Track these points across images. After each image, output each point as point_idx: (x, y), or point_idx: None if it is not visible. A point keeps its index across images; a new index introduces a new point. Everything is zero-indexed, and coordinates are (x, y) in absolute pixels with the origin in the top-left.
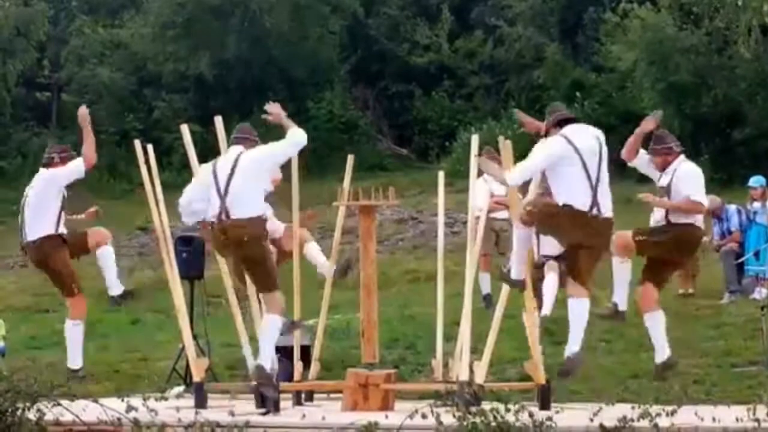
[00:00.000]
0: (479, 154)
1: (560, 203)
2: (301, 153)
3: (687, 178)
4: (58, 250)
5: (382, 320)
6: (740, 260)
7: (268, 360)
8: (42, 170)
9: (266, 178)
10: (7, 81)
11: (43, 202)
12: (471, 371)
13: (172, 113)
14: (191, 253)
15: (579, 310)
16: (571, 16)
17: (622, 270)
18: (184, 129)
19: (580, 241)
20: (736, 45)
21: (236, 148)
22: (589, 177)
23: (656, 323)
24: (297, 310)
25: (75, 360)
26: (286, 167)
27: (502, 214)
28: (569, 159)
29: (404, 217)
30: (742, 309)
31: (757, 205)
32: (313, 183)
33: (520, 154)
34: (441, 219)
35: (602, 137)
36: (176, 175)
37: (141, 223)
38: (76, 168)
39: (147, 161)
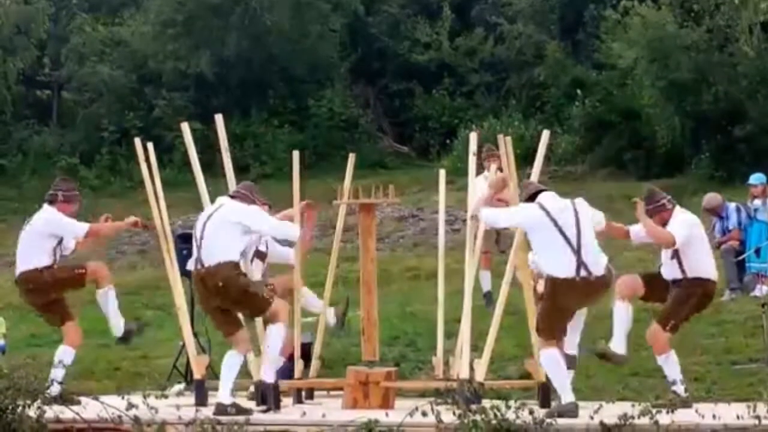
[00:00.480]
0: (479, 152)
1: (547, 275)
2: (302, 151)
3: (676, 223)
4: (43, 278)
5: (383, 318)
6: (741, 258)
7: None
8: (45, 206)
9: (239, 232)
10: (7, 79)
11: (36, 240)
12: (471, 369)
13: (172, 111)
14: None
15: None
16: (571, 14)
17: (623, 312)
18: (185, 127)
19: (576, 307)
20: (737, 42)
21: (223, 199)
22: (568, 240)
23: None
24: (297, 309)
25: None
26: (286, 165)
27: None
28: (544, 224)
29: (405, 214)
30: (742, 306)
31: (757, 202)
32: (314, 181)
33: (520, 153)
34: (442, 216)
35: (579, 202)
36: (177, 173)
37: (142, 221)
38: (75, 231)
39: (147, 159)
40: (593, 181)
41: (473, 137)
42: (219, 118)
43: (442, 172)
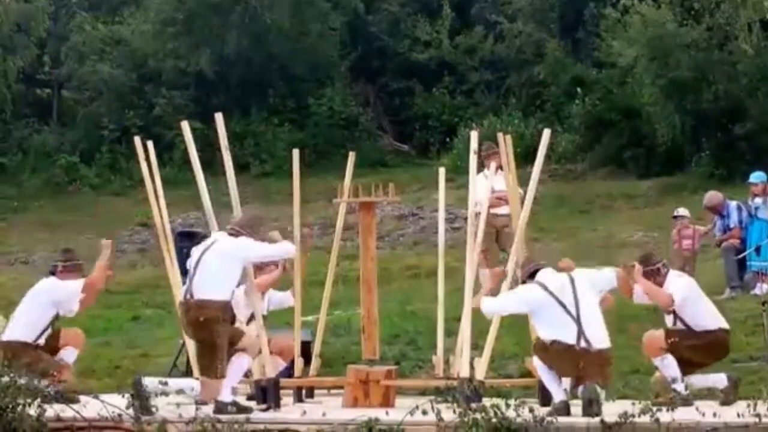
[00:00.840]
0: (479, 150)
1: (549, 340)
2: (302, 149)
3: (673, 285)
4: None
5: (383, 316)
6: (741, 256)
7: None
8: (47, 280)
9: (236, 267)
10: (7, 77)
11: (32, 310)
12: (472, 368)
13: (172, 110)
14: (191, 249)
15: None
16: (571, 12)
17: (670, 367)
18: (185, 126)
19: (561, 369)
20: (737, 40)
21: (220, 234)
22: (569, 312)
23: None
24: (297, 307)
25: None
26: (286, 163)
27: (503, 210)
28: (546, 302)
29: (405, 213)
30: (743, 305)
31: (758, 200)
32: (314, 179)
33: (521, 151)
34: (442, 215)
35: (576, 276)
36: (177, 172)
37: (141, 219)
38: (73, 292)
39: (147, 158)
40: (593, 179)
41: (474, 135)
42: (219, 117)
43: (442, 171)
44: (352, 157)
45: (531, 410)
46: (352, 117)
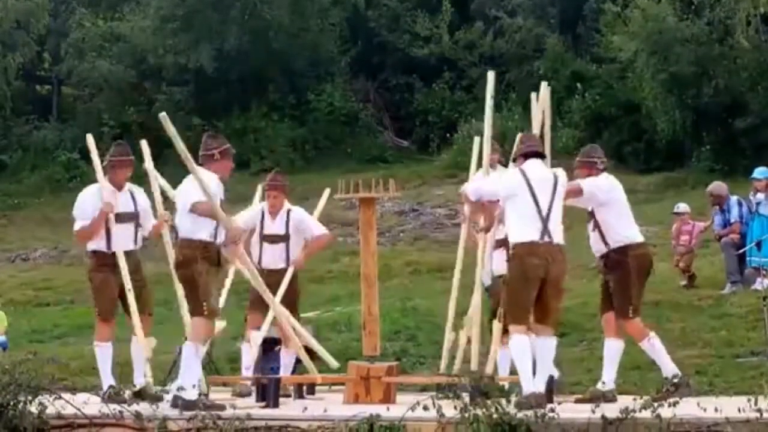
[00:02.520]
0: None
1: (513, 243)
2: (302, 145)
3: (591, 180)
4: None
5: (384, 312)
6: (741, 251)
7: (189, 389)
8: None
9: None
10: (7, 74)
11: None
12: (481, 363)
13: (172, 106)
14: None
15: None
16: (571, 7)
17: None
18: (164, 119)
19: (539, 274)
20: (737, 35)
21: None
22: (539, 209)
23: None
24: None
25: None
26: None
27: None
28: (521, 189)
29: (405, 209)
30: (744, 300)
31: (760, 196)
32: (314, 175)
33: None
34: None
35: (561, 175)
36: (177, 168)
37: None
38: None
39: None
40: None
41: (477, 142)
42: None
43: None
44: (326, 194)
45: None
46: (352, 113)
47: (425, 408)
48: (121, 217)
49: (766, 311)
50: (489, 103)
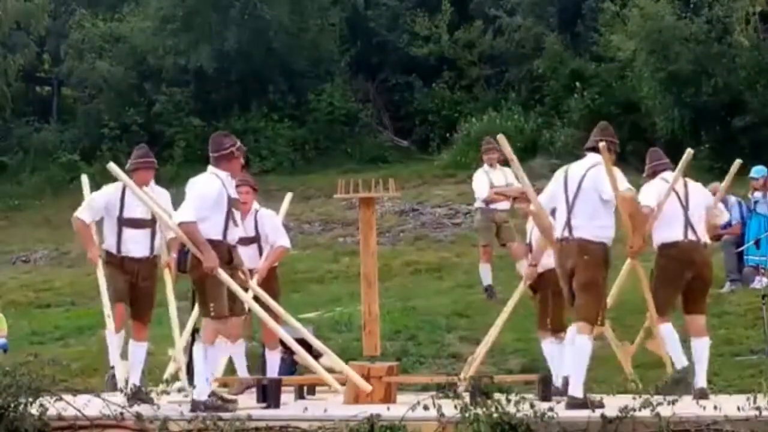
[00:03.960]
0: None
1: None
2: (302, 146)
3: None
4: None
5: (384, 312)
6: (740, 250)
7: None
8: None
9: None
10: (7, 75)
11: None
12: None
13: (172, 107)
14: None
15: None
16: (570, 6)
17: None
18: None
19: (565, 269)
20: (735, 34)
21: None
22: (567, 200)
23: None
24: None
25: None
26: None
27: (503, 206)
28: (558, 184)
29: (405, 209)
30: (742, 298)
31: (758, 195)
32: (315, 175)
33: (521, 146)
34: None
35: (594, 171)
36: (177, 169)
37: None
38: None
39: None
40: None
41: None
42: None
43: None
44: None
45: (532, 405)
46: (351, 113)
47: (425, 408)
48: (135, 223)
49: (765, 310)
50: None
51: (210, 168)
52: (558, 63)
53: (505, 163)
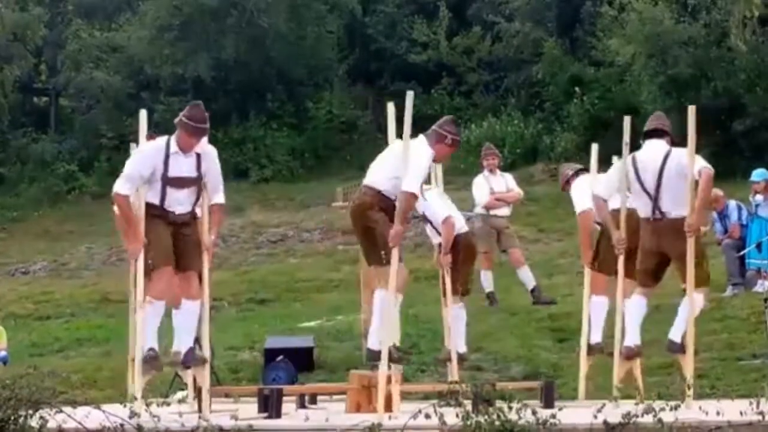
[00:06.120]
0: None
1: None
2: (302, 154)
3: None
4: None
5: None
6: (741, 253)
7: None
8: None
9: None
10: (4, 87)
11: None
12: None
13: (171, 116)
14: None
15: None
16: (568, 11)
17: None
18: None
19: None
20: (731, 37)
21: None
22: (645, 189)
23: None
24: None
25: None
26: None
27: (504, 212)
28: (630, 174)
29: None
30: (745, 302)
31: (759, 198)
32: (314, 183)
33: (521, 152)
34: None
35: (674, 153)
36: None
37: None
38: None
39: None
40: None
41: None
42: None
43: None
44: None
45: (534, 412)
46: (350, 120)
47: (427, 416)
48: (178, 182)
49: (767, 314)
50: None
51: None
52: (557, 68)
53: (505, 168)
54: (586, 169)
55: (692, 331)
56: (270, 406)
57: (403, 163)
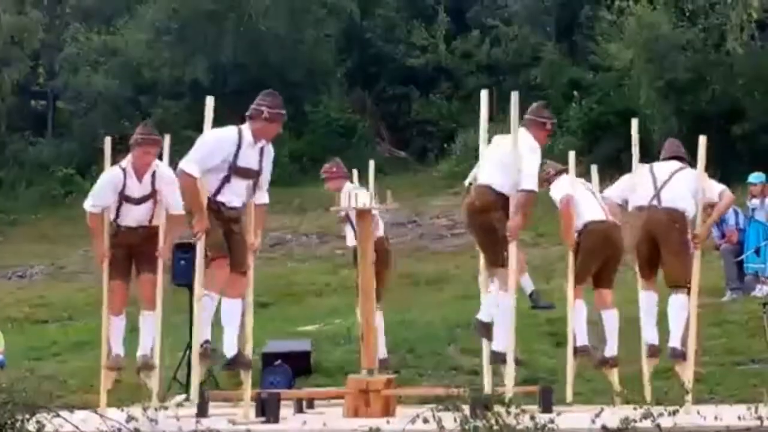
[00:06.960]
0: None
1: None
2: (300, 157)
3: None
4: None
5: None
6: (739, 258)
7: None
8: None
9: None
10: (2, 90)
11: None
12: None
13: (168, 119)
14: (190, 261)
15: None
16: (566, 15)
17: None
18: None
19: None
20: (729, 42)
21: None
22: (654, 179)
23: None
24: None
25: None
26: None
27: None
28: (642, 175)
29: (403, 220)
30: (744, 307)
31: (756, 201)
32: (312, 187)
33: None
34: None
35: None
36: None
37: None
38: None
39: None
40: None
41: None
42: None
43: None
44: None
45: (532, 417)
46: (349, 124)
47: (425, 420)
48: (244, 173)
49: (766, 318)
50: (483, 125)
51: None
52: (555, 72)
53: None
54: (567, 171)
55: (693, 336)
56: (267, 410)
57: (514, 160)
